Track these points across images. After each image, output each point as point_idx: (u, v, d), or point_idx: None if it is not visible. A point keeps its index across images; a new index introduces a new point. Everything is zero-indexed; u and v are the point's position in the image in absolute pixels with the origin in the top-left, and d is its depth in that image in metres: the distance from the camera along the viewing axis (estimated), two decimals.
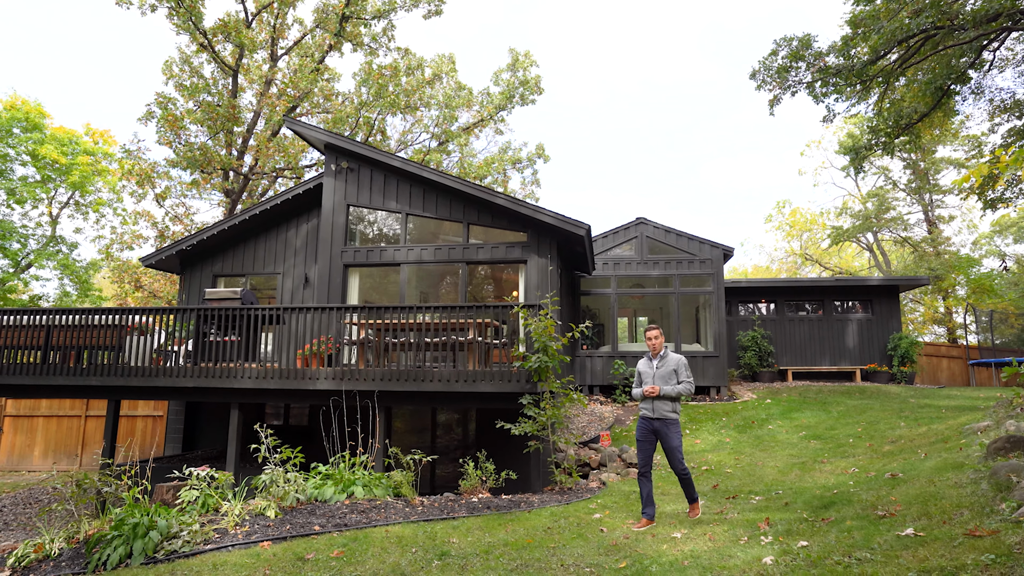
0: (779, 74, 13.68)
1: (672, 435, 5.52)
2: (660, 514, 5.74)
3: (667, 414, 5.54)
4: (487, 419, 11.48)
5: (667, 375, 5.60)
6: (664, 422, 5.54)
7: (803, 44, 12.94)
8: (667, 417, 5.54)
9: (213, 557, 4.76)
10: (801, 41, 12.93)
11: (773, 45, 13.33)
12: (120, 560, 4.81)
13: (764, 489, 6.63)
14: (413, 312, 9.22)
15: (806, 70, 13.56)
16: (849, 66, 12.21)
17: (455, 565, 4.33)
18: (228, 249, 13.97)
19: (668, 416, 5.54)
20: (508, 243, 11.40)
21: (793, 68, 13.45)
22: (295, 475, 6.08)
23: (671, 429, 5.53)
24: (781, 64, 13.51)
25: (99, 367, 9.41)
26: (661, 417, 5.55)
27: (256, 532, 5.32)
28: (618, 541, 4.77)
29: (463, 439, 12.79)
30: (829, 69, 12.54)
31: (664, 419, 5.55)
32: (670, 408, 5.54)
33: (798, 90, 13.88)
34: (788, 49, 13.11)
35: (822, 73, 12.91)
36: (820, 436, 10.10)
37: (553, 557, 4.42)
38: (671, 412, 5.55)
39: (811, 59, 13.11)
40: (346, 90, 22.24)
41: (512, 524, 5.52)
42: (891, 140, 12.33)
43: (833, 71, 12.38)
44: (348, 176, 12.22)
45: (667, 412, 5.55)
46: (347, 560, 4.52)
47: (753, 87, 14.43)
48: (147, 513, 5.21)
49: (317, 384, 8.81)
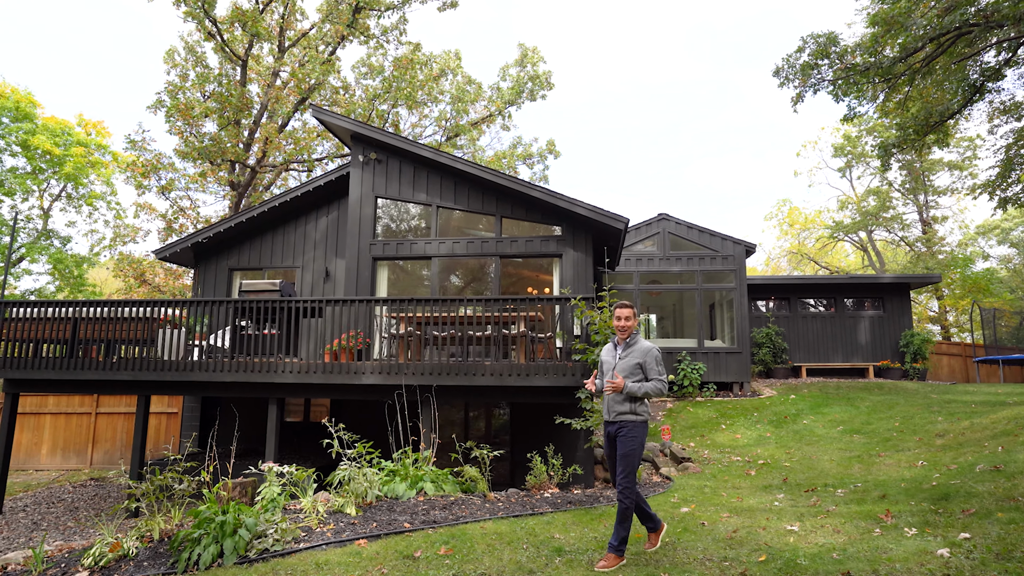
0: (803, 71, 13.72)
1: (627, 440, 4.30)
2: (748, 508, 5.64)
3: (624, 416, 4.35)
4: (523, 414, 11.33)
5: (630, 368, 4.42)
6: (620, 425, 4.35)
7: (830, 41, 12.98)
8: (624, 421, 4.34)
9: (311, 556, 4.55)
10: (828, 38, 12.97)
11: (799, 42, 13.37)
12: (212, 559, 4.58)
13: (836, 482, 6.57)
14: (459, 305, 9.04)
15: (828, 68, 13.62)
16: (877, 64, 12.25)
17: (580, 562, 4.19)
18: (244, 242, 13.65)
19: (626, 419, 4.34)
20: (542, 237, 11.26)
21: (817, 66, 13.50)
22: (370, 471, 5.87)
23: (627, 432, 4.32)
24: (806, 62, 13.55)
25: (130, 361, 9.07)
26: (616, 420, 4.38)
27: (345, 530, 5.11)
28: (730, 535, 4.66)
29: (486, 433, 12.64)
30: (856, 67, 12.58)
31: (620, 424, 4.35)
32: (628, 408, 4.36)
33: (820, 88, 13.95)
34: (815, 46, 13.15)
35: (846, 71, 12.96)
36: (858, 431, 10.12)
37: (676, 552, 4.29)
38: (630, 414, 4.35)
39: (836, 57, 13.17)
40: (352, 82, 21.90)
41: (606, 518, 5.38)
42: (920, 137, 12.42)
43: (860, 68, 12.41)
44: (375, 167, 11.98)
45: (624, 414, 4.36)
46: (461, 558, 4.35)
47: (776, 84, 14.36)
48: (226, 511, 4.98)
49: (363, 379, 8.57)
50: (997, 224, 35.64)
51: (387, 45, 19.86)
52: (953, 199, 30.84)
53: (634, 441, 4.31)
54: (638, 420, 4.36)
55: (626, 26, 78.53)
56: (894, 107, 14.58)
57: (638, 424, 4.36)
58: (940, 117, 11.77)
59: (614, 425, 4.42)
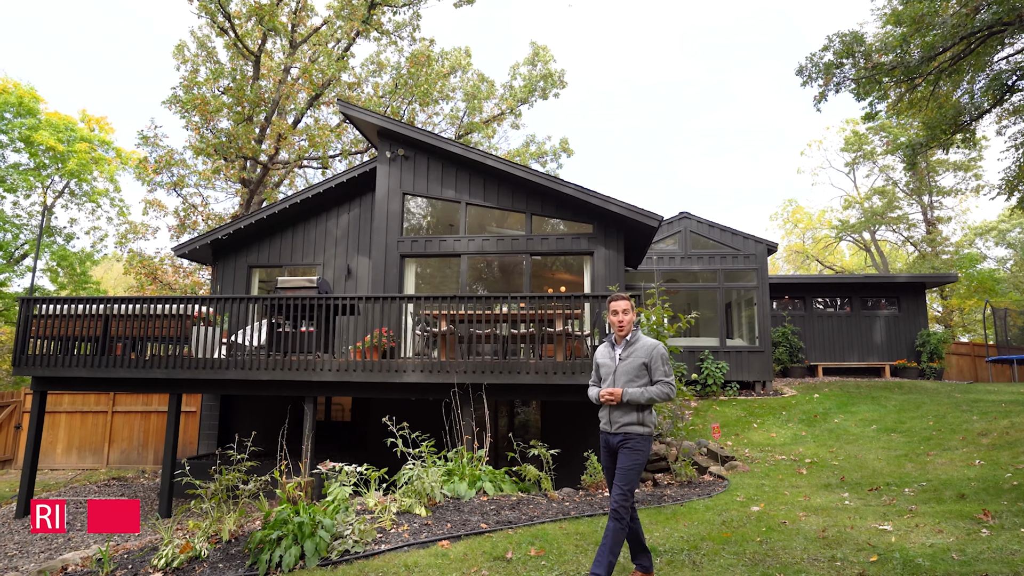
0: (826, 70, 13.73)
1: (630, 453, 3.80)
2: (820, 507, 5.58)
3: (631, 428, 3.84)
4: (555, 412, 11.25)
5: (634, 370, 3.90)
6: (625, 438, 3.84)
7: (855, 40, 12.98)
8: (630, 433, 3.83)
9: (396, 558, 4.44)
10: (854, 37, 12.98)
11: (824, 41, 13.39)
12: (295, 561, 4.46)
13: (896, 481, 6.53)
14: (497, 302, 8.94)
15: (851, 67, 13.63)
16: (904, 63, 12.26)
17: (681, 562, 4.10)
18: (264, 239, 13.48)
19: (632, 431, 3.83)
20: (573, 234, 11.18)
21: (841, 65, 13.51)
22: (434, 470, 5.76)
23: (632, 445, 3.81)
24: (830, 60, 13.56)
25: (163, 359, 8.90)
26: (620, 432, 3.87)
27: (421, 531, 5.00)
28: (819, 534, 4.59)
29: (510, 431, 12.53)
30: (882, 66, 12.59)
31: (625, 435, 3.85)
32: (635, 419, 3.84)
33: (843, 87, 13.96)
34: (840, 45, 13.15)
35: (871, 71, 12.96)
36: (893, 430, 10.10)
37: (777, 552, 4.21)
38: (637, 425, 3.84)
39: (861, 56, 13.17)
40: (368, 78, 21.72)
41: (680, 517, 5.30)
42: (948, 136, 12.45)
43: (887, 67, 12.42)
44: (402, 164, 11.85)
45: (631, 426, 3.85)
46: (555, 560, 4.25)
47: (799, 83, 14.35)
48: (297, 511, 4.86)
49: (405, 377, 8.46)
50: (994, 225, 35.99)
51: (401, 42, 19.71)
52: (956, 199, 31.05)
53: (640, 455, 3.80)
54: (645, 432, 3.85)
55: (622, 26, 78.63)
56: (905, 106, 14.62)
57: (645, 437, 3.85)
58: (970, 116, 11.80)
59: (617, 437, 3.90)
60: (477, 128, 20.29)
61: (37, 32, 62.41)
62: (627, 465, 3.77)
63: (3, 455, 13.41)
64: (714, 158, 76.14)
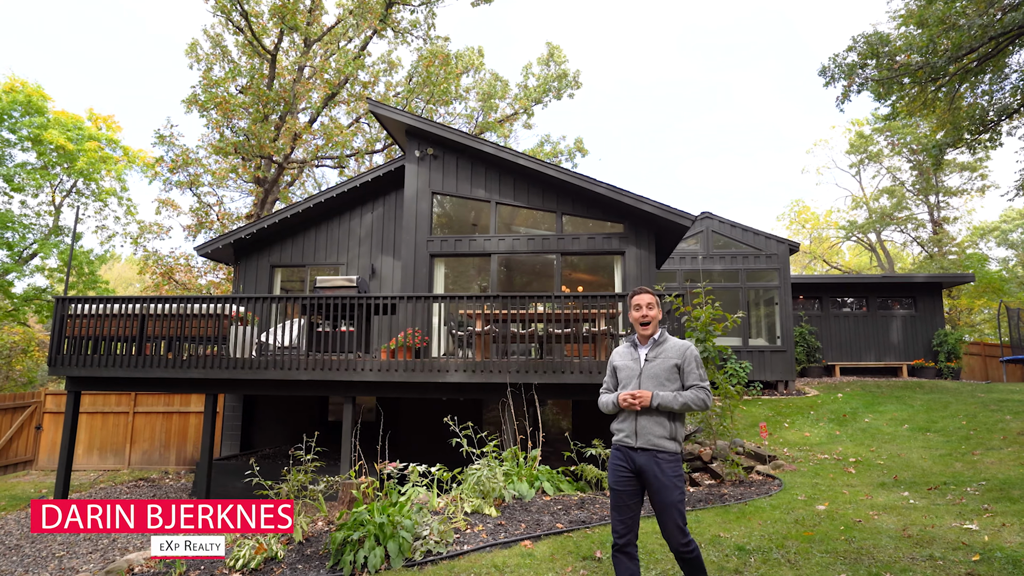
0: (850, 70, 13.79)
1: (669, 481, 3.20)
2: (889, 505, 5.57)
3: (660, 442, 3.26)
4: (585, 411, 11.23)
5: (664, 373, 3.35)
6: (654, 457, 3.24)
7: (881, 40, 13.03)
8: (660, 448, 3.25)
9: (481, 558, 4.41)
10: (880, 38, 13.03)
11: (849, 42, 13.45)
12: (380, 562, 4.42)
13: (952, 480, 6.53)
14: (535, 301, 8.92)
15: (875, 68, 13.68)
16: (930, 64, 12.31)
17: (778, 560, 4.09)
18: (287, 238, 13.44)
19: (662, 446, 3.25)
20: (604, 234, 11.16)
21: (865, 65, 13.56)
22: (500, 470, 5.74)
23: (667, 469, 3.21)
24: (853, 61, 13.61)
25: (201, 359, 8.84)
26: (649, 447, 3.26)
27: (497, 531, 4.97)
28: (904, 533, 4.58)
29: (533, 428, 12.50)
30: (908, 66, 12.64)
31: (655, 451, 3.25)
32: (666, 432, 3.27)
33: (865, 87, 14.01)
34: (864, 46, 13.20)
35: (895, 71, 13.01)
36: (927, 429, 10.12)
37: (871, 551, 4.20)
38: (669, 440, 3.27)
39: (885, 57, 13.22)
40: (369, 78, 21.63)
41: (750, 516, 5.29)
42: (975, 136, 12.52)
43: (913, 68, 12.47)
44: (431, 163, 11.81)
45: (662, 440, 3.26)
46: (646, 559, 4.23)
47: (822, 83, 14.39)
48: (371, 511, 4.82)
49: (448, 376, 8.41)
50: (996, 226, 36.23)
51: (415, 40, 19.65)
52: (962, 200, 31.23)
53: (679, 480, 3.21)
54: (677, 451, 3.29)
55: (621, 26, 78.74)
56: (919, 107, 14.69)
57: (677, 457, 3.28)
58: (998, 116, 11.86)
59: (643, 454, 3.25)
60: (493, 127, 20.28)
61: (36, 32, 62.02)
62: (673, 500, 3.17)
63: (24, 456, 13.29)
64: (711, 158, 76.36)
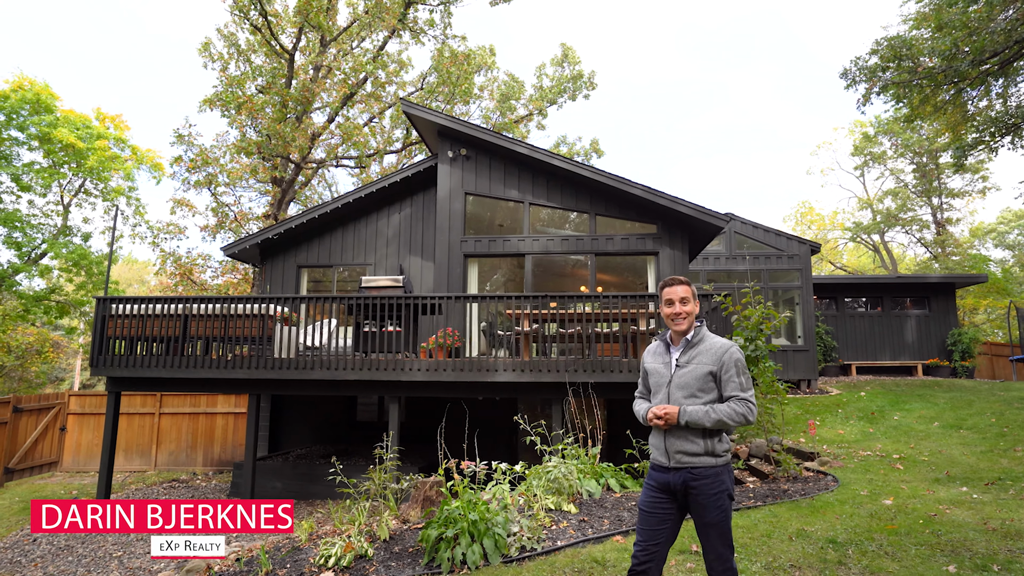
0: (871, 73, 13.95)
1: (706, 500, 2.80)
2: (953, 500, 5.67)
3: (694, 460, 2.83)
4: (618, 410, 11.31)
5: (696, 381, 2.88)
6: (694, 475, 2.83)
7: (904, 43, 13.20)
8: (697, 466, 2.83)
9: (577, 553, 4.48)
10: (903, 41, 13.20)
11: (873, 45, 13.63)
12: (480, 559, 4.48)
13: (1006, 476, 6.65)
14: (579, 301, 9.00)
15: (896, 70, 13.85)
16: (953, 67, 12.48)
17: (875, 552, 4.18)
18: (313, 239, 13.45)
19: (701, 464, 2.83)
20: (638, 235, 11.26)
21: (887, 68, 13.72)
22: (574, 467, 5.81)
23: (703, 488, 2.81)
24: (875, 64, 13.78)
25: (246, 359, 8.86)
26: (682, 467, 2.85)
27: (582, 526, 5.05)
28: (986, 527, 4.68)
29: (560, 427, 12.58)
30: (931, 69, 12.81)
31: (691, 475, 2.83)
32: (700, 448, 2.83)
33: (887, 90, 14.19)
34: (888, 50, 13.36)
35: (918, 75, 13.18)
36: (958, 427, 10.26)
37: (965, 543, 4.30)
38: (706, 455, 2.83)
39: (908, 60, 13.39)
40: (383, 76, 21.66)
41: (822, 511, 5.38)
42: (997, 138, 12.73)
43: (937, 71, 12.64)
44: (464, 163, 11.87)
45: (697, 457, 2.84)
46: (742, 551, 4.31)
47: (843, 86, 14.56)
48: (469, 509, 4.88)
49: (496, 376, 8.48)
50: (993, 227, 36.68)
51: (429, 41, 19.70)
52: (964, 201, 31.58)
53: (723, 499, 2.79)
54: (719, 464, 2.83)
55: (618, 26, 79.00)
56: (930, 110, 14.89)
57: (720, 470, 2.83)
58: (1022, 118, 12.06)
59: (677, 475, 2.85)
60: (509, 128, 20.37)
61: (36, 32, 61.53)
62: (716, 520, 2.78)
63: (49, 458, 13.23)
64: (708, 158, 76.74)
